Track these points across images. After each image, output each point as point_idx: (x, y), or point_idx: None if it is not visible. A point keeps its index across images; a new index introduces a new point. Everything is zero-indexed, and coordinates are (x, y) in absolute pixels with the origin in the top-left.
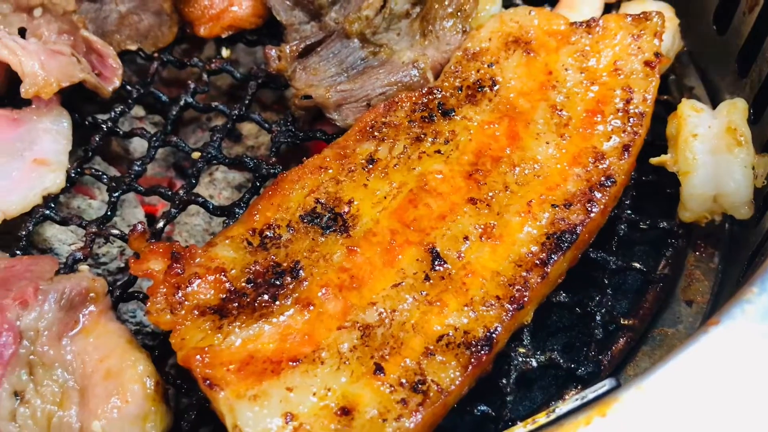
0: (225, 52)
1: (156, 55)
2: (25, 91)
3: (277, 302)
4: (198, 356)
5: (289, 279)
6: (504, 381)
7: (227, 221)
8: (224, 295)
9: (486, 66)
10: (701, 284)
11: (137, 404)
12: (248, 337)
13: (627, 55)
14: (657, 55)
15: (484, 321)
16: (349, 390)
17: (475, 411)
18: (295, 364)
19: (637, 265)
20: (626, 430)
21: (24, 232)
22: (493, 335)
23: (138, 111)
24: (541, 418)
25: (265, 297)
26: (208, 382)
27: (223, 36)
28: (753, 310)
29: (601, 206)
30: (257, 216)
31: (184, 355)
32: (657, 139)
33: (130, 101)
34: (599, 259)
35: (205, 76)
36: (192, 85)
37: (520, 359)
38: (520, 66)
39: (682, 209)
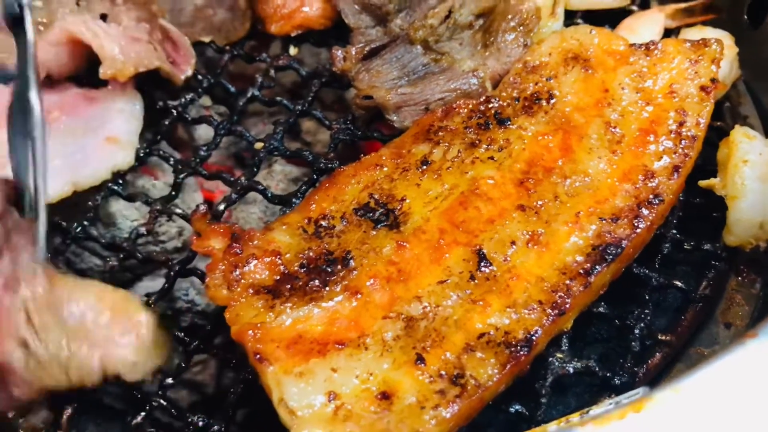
0: (292, 50)
1: (227, 48)
2: (104, 72)
3: (327, 288)
4: (250, 332)
5: (339, 267)
6: (540, 383)
7: (283, 210)
8: (278, 277)
9: (544, 79)
10: (741, 308)
11: (151, 332)
12: (298, 318)
13: (683, 79)
14: (713, 81)
15: (525, 323)
16: (390, 376)
17: (510, 409)
18: (340, 347)
19: (679, 284)
20: (659, 426)
21: (91, 204)
22: (533, 338)
23: (205, 100)
24: (575, 418)
25: (316, 282)
26: (258, 356)
27: (292, 35)
28: None
29: (648, 223)
30: (314, 206)
31: (237, 330)
32: (707, 164)
33: (200, 90)
34: (642, 275)
35: (272, 72)
36: (259, 80)
37: (557, 364)
38: (578, 82)
39: (727, 233)
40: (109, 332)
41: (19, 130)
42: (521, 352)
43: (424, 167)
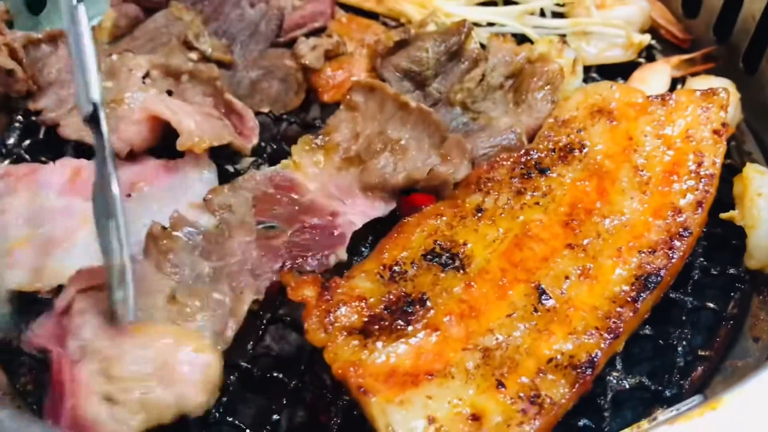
0: None
1: (284, 116)
2: (182, 144)
3: (410, 326)
4: (352, 368)
5: (418, 307)
6: (601, 399)
7: (356, 259)
8: (366, 319)
9: (575, 131)
10: (766, 324)
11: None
12: (389, 354)
13: (697, 124)
14: (724, 125)
15: (586, 348)
16: (476, 401)
17: (579, 423)
18: (430, 377)
19: (711, 305)
20: (738, 417)
21: None
22: (595, 359)
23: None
24: (644, 425)
25: (400, 322)
26: (362, 389)
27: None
28: None
29: (680, 253)
30: (386, 254)
31: (338, 367)
32: (723, 197)
33: (264, 155)
34: (677, 299)
35: None
36: None
37: (614, 381)
38: (605, 132)
39: (748, 258)
40: (181, 372)
41: (101, 211)
42: (586, 373)
43: (479, 214)
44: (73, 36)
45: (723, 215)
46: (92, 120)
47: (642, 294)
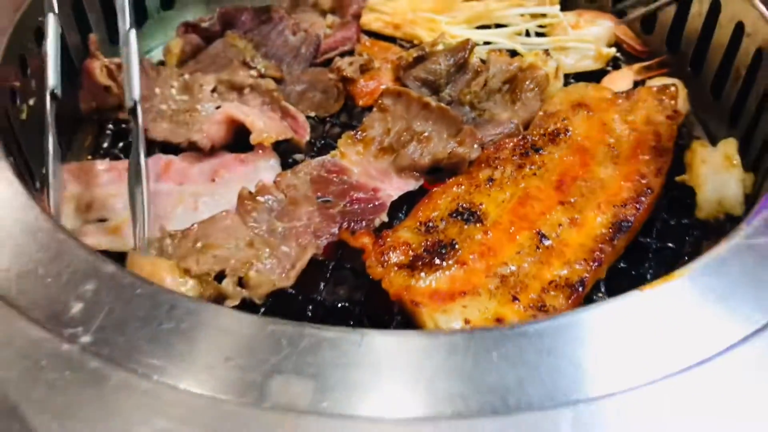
0: None
1: (327, 119)
2: (254, 139)
3: (444, 263)
4: (405, 291)
5: (449, 249)
6: None
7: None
8: (411, 258)
9: (561, 120)
10: None
11: None
12: (431, 281)
13: (655, 112)
14: (675, 111)
15: (577, 272)
16: (498, 309)
17: None
18: (463, 295)
19: (670, 245)
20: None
21: None
22: (584, 280)
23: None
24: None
25: (436, 260)
26: (415, 303)
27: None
28: None
29: (645, 206)
30: (420, 214)
31: (394, 291)
32: (677, 167)
33: (315, 149)
34: (645, 242)
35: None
36: None
37: (598, 301)
38: (583, 120)
39: (698, 211)
40: None
41: (131, 189)
42: (579, 290)
43: (490, 183)
44: (125, 54)
45: (678, 178)
46: (133, 113)
47: (617, 234)
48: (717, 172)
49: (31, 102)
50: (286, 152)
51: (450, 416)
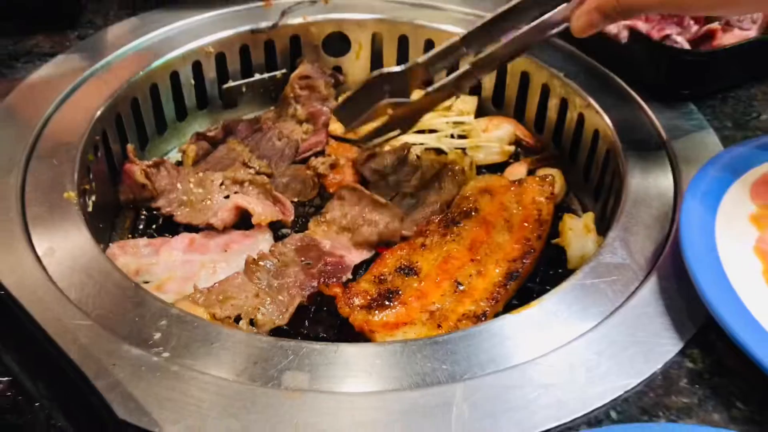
0: None
1: (306, 203)
2: (254, 220)
3: (392, 303)
4: (365, 323)
5: (395, 294)
6: None
7: (358, 277)
8: (369, 301)
9: (473, 202)
10: None
11: None
12: (383, 316)
13: (538, 195)
14: (552, 193)
15: (482, 308)
16: (428, 333)
17: None
18: (404, 325)
19: (548, 287)
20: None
21: None
22: (486, 313)
23: None
24: None
25: (386, 302)
26: (371, 331)
27: None
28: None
29: (530, 261)
30: (375, 270)
31: (358, 324)
32: (554, 232)
33: (297, 226)
34: (530, 286)
35: None
36: None
37: None
38: (488, 202)
39: (568, 264)
40: None
41: None
42: (482, 319)
43: (423, 247)
44: None
45: (553, 241)
46: None
47: (509, 281)
48: (579, 237)
49: (93, 198)
50: (276, 228)
51: (391, 390)
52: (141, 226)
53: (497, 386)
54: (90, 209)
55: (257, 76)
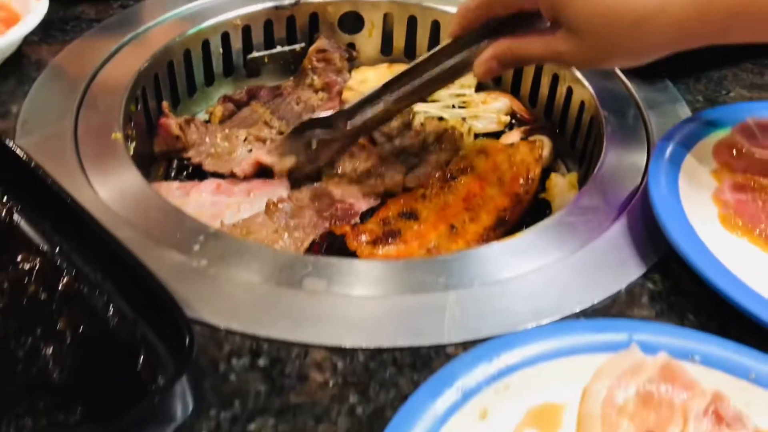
0: None
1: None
2: (276, 172)
3: (394, 241)
4: (370, 257)
5: (397, 234)
6: None
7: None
8: (374, 239)
9: (469, 160)
10: None
11: None
12: (386, 250)
13: (528, 155)
14: (540, 155)
15: (473, 247)
16: None
17: None
18: (406, 258)
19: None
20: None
21: None
22: None
23: None
24: None
25: (389, 239)
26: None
27: None
28: None
29: (518, 211)
30: (380, 214)
31: (363, 255)
32: (542, 187)
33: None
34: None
35: None
36: None
37: None
38: (482, 161)
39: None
40: None
41: None
42: None
43: (423, 198)
44: None
45: (540, 195)
46: None
47: (498, 227)
48: (563, 192)
49: (134, 145)
50: (292, 180)
51: (395, 294)
52: (173, 174)
53: (484, 295)
54: (131, 153)
55: (279, 49)
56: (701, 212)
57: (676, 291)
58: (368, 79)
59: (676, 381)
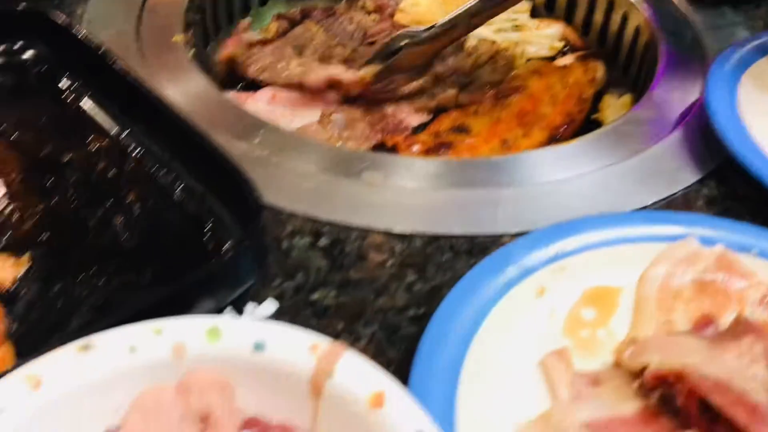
0: None
1: None
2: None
3: (446, 152)
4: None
5: (449, 145)
6: None
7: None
8: (426, 149)
9: (522, 80)
10: None
11: None
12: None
13: (581, 77)
14: (594, 78)
15: None
16: None
17: None
18: None
19: None
20: None
21: None
22: None
23: None
24: None
25: (441, 150)
26: None
27: None
28: None
29: (570, 130)
30: (432, 128)
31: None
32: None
33: None
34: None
35: None
36: None
37: None
38: (536, 81)
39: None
40: None
41: None
42: None
43: (476, 113)
44: None
45: (593, 116)
46: None
47: (550, 144)
48: (616, 114)
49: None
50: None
51: (447, 188)
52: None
53: (537, 193)
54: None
55: None
56: (759, 122)
57: (732, 196)
58: (420, 2)
59: (732, 271)
